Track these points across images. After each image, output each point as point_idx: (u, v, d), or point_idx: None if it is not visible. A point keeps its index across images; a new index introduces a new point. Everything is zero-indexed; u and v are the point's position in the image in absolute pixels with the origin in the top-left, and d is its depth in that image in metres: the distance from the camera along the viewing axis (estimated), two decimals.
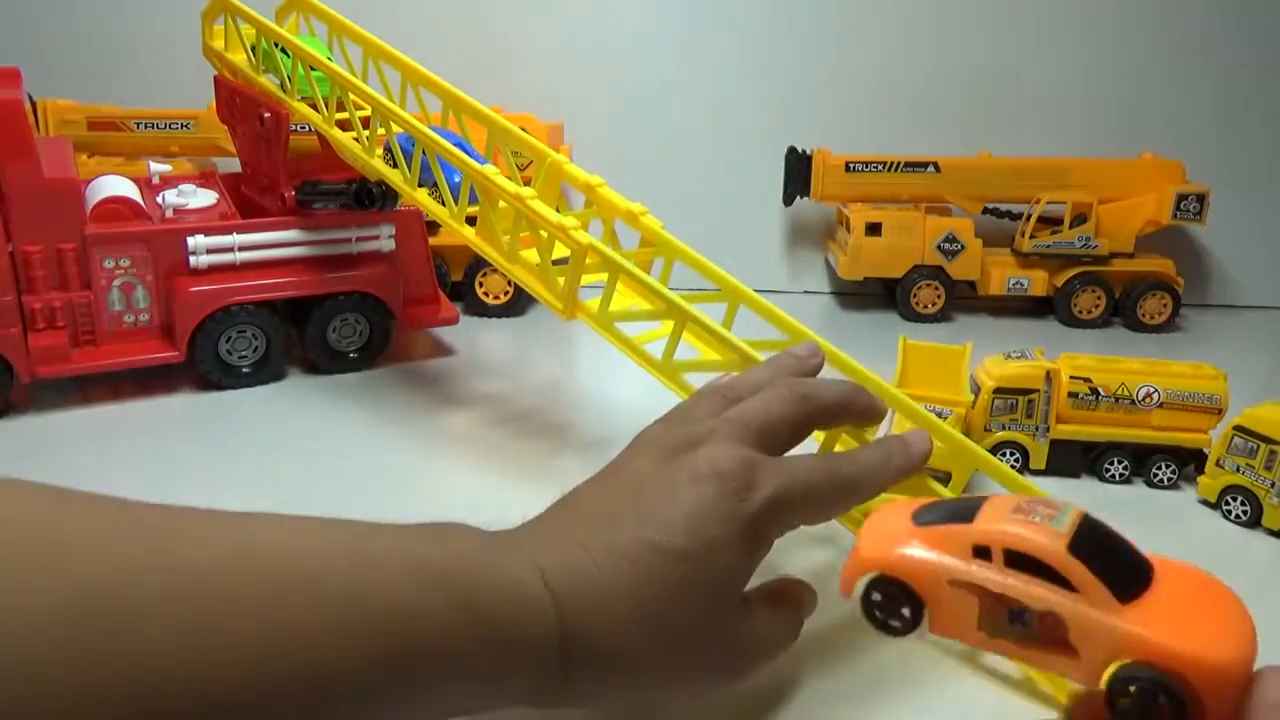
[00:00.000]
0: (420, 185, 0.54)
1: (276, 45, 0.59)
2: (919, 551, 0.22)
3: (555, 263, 0.47)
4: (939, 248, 0.84)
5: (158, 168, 0.69)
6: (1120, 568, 0.19)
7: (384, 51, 0.56)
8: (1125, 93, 0.89)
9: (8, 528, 0.20)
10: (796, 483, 0.30)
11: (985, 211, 0.87)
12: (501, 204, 0.48)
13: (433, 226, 0.71)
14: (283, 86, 0.60)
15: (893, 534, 0.23)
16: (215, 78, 0.67)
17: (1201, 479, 0.49)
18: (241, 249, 0.62)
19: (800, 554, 0.43)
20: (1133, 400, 0.51)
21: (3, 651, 0.18)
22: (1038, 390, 0.51)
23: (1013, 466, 0.51)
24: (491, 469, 0.52)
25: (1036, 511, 0.20)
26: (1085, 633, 0.18)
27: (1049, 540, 0.19)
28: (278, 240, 0.63)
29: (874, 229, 0.84)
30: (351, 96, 0.55)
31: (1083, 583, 0.19)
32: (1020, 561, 0.19)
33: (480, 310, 0.80)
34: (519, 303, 0.81)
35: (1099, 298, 0.83)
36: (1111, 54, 0.88)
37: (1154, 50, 0.88)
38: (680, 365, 0.42)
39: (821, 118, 0.90)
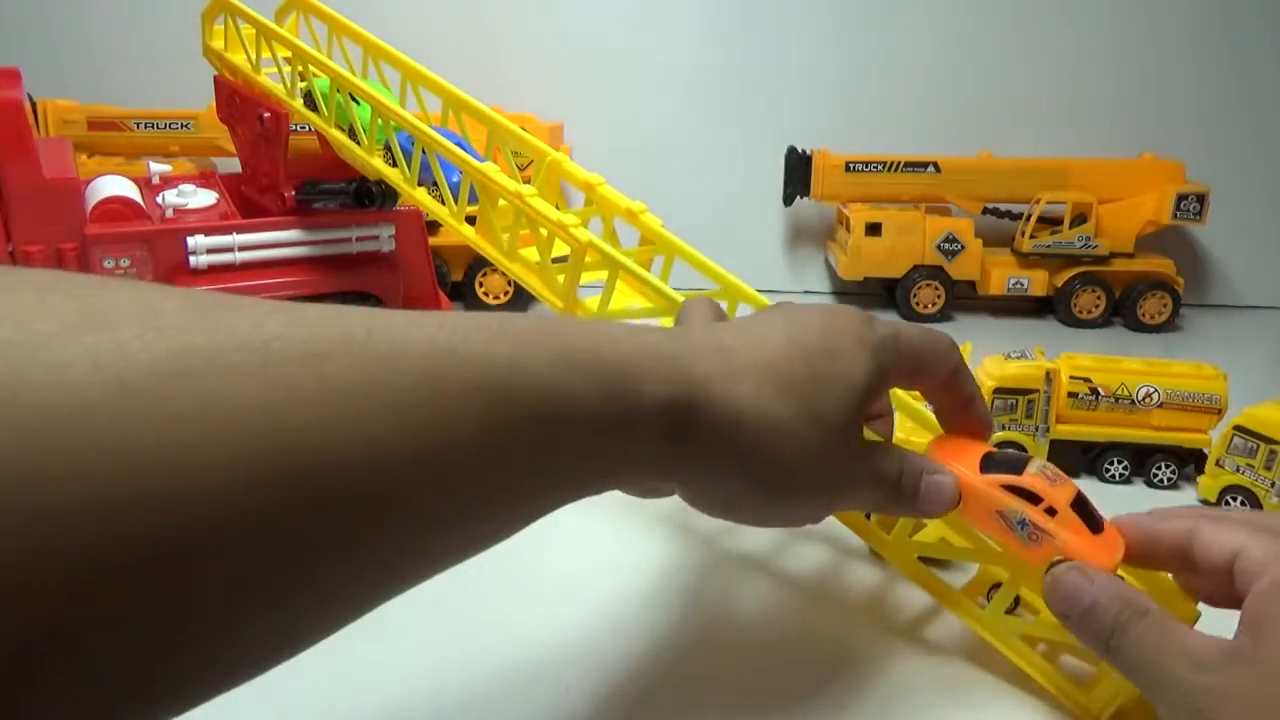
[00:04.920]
0: (420, 184, 0.54)
1: (353, 97, 0.56)
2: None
3: (555, 260, 0.47)
4: (939, 248, 0.84)
5: (158, 168, 0.69)
6: (1086, 510, 0.32)
7: (384, 51, 0.56)
8: (1125, 93, 0.89)
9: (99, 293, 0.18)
10: (906, 333, 0.32)
11: (985, 211, 0.87)
12: (501, 202, 0.48)
13: (433, 226, 0.71)
14: (352, 133, 0.57)
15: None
16: (215, 78, 0.67)
17: (1201, 479, 0.49)
18: (241, 249, 0.62)
19: (802, 553, 0.43)
20: (1133, 400, 0.51)
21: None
22: (1038, 390, 0.51)
23: None
24: None
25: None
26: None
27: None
28: (278, 240, 0.63)
29: (874, 229, 0.84)
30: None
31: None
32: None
33: (480, 310, 0.80)
34: (519, 302, 0.81)
35: (1099, 298, 0.83)
36: (1111, 54, 0.88)
37: (1154, 50, 0.88)
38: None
39: (821, 118, 0.90)
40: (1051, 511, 0.31)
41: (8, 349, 0.16)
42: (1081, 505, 0.31)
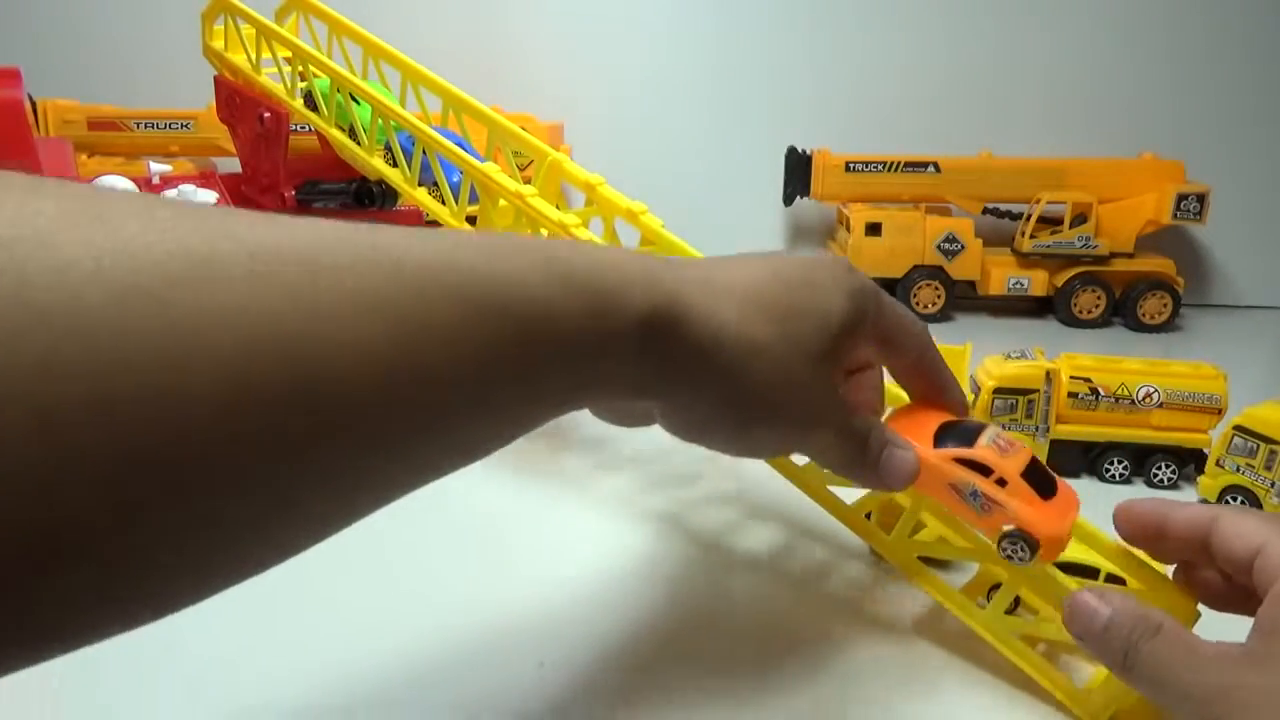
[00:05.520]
0: (420, 184, 0.54)
1: (353, 97, 0.57)
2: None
3: None
4: (939, 248, 0.84)
5: (158, 168, 0.69)
6: (1038, 477, 0.32)
7: (384, 51, 0.56)
8: (1125, 93, 0.89)
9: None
10: (885, 295, 0.33)
11: (985, 211, 0.87)
12: (502, 202, 0.48)
13: (433, 226, 0.71)
14: (352, 133, 0.58)
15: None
16: (215, 78, 0.67)
17: (1201, 479, 0.49)
18: None
19: (801, 552, 0.43)
20: (1133, 400, 0.51)
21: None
22: (1038, 390, 0.51)
23: None
24: (491, 468, 0.52)
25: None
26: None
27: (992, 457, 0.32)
28: None
29: (874, 229, 0.84)
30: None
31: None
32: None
33: None
34: None
35: (1099, 298, 0.83)
36: (1111, 54, 0.88)
37: (1154, 50, 0.88)
38: None
39: (821, 118, 0.90)
40: (1002, 482, 0.32)
41: (12, 246, 0.16)
42: (1034, 472, 0.32)
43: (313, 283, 0.19)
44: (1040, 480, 0.32)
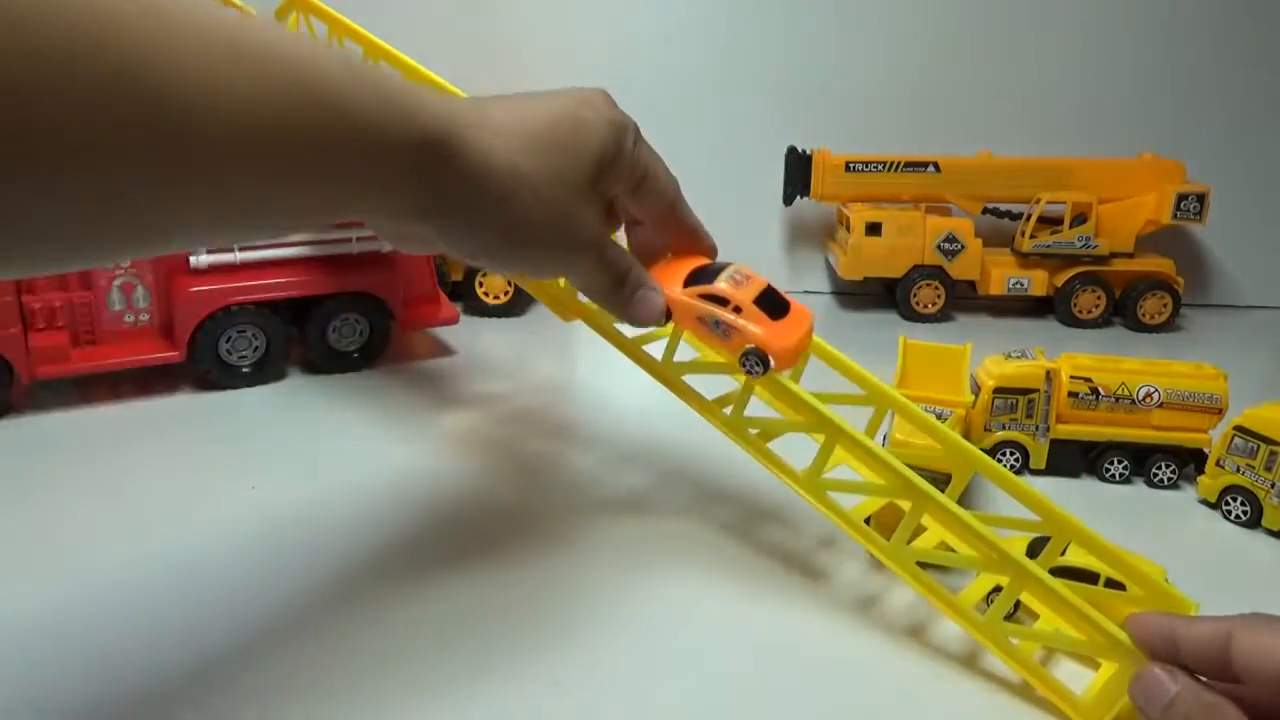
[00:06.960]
0: None
1: None
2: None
3: None
4: (939, 248, 0.84)
5: None
6: (770, 302, 0.37)
7: (384, 51, 0.56)
8: (1125, 93, 0.89)
9: None
10: (646, 142, 0.37)
11: (985, 211, 0.87)
12: None
13: None
14: None
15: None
16: None
17: (1201, 479, 0.49)
18: (241, 249, 0.62)
19: (800, 556, 0.43)
20: (1133, 400, 0.51)
21: None
22: (1038, 390, 0.51)
23: (1012, 467, 0.51)
24: (491, 469, 0.52)
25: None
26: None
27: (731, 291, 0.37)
28: (278, 240, 0.63)
29: (874, 229, 0.84)
30: None
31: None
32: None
33: (480, 310, 0.80)
34: (518, 303, 0.81)
35: (1099, 298, 0.83)
36: (1112, 54, 0.88)
37: (1154, 50, 0.88)
38: (680, 367, 0.42)
39: (821, 118, 0.90)
40: (738, 310, 0.36)
41: None
42: (766, 298, 0.37)
43: None
44: (772, 304, 0.37)
